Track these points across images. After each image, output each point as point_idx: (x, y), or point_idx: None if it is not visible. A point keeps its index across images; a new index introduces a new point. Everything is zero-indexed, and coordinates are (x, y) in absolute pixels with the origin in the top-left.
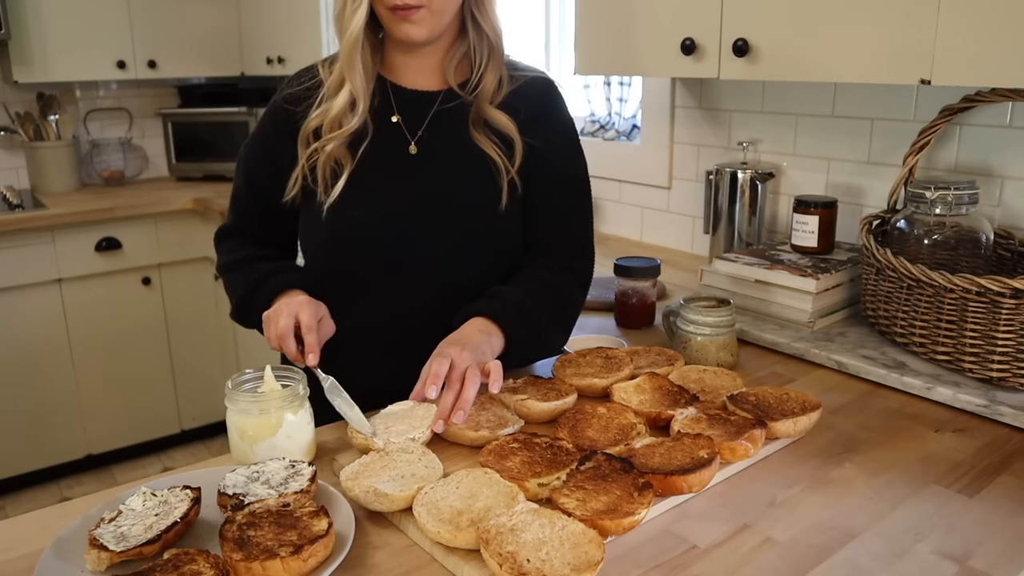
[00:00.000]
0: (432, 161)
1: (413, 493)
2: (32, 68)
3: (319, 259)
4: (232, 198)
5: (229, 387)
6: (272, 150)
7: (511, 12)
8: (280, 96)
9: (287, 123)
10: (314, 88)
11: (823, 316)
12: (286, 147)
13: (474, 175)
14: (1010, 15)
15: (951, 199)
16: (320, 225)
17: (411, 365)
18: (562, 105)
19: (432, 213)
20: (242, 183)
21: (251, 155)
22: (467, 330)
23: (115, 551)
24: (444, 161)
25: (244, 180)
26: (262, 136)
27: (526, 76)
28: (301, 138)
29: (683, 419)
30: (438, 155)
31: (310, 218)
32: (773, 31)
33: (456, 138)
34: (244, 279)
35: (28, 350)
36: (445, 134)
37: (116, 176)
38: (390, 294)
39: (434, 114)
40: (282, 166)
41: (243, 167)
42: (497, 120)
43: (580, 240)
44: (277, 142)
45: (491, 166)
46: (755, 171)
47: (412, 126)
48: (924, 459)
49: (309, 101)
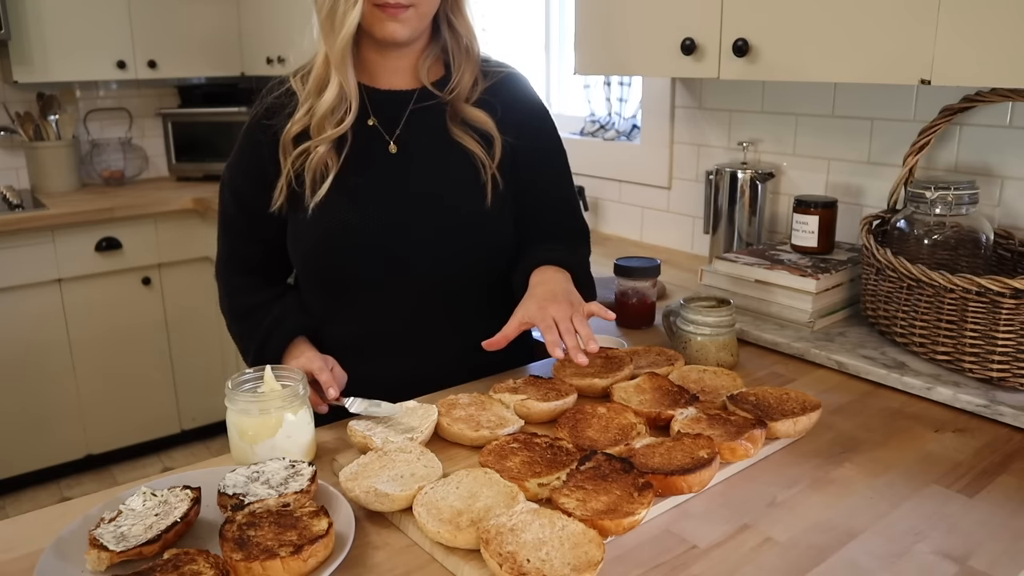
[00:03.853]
0: (414, 160)
1: (413, 493)
2: (32, 68)
3: (309, 265)
4: (222, 227)
5: (229, 387)
6: (258, 167)
7: (511, 12)
8: (257, 112)
9: (267, 137)
10: (289, 100)
11: (823, 316)
12: (270, 161)
13: (457, 171)
14: (1010, 15)
15: (951, 199)
16: (308, 231)
17: (412, 362)
18: (534, 96)
19: (421, 211)
20: (233, 208)
21: (237, 177)
22: (548, 282)
23: (115, 551)
24: (426, 159)
25: (235, 204)
26: (245, 156)
27: (499, 73)
28: (282, 146)
29: (683, 419)
30: (419, 154)
31: (297, 225)
32: (773, 31)
33: (436, 136)
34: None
35: (28, 350)
36: (424, 133)
37: (116, 176)
38: (385, 294)
39: (410, 113)
40: (270, 181)
41: (230, 192)
42: (476, 118)
43: (571, 207)
44: (261, 158)
45: (473, 162)
46: (755, 171)
47: (389, 126)
48: (924, 459)
49: (286, 112)
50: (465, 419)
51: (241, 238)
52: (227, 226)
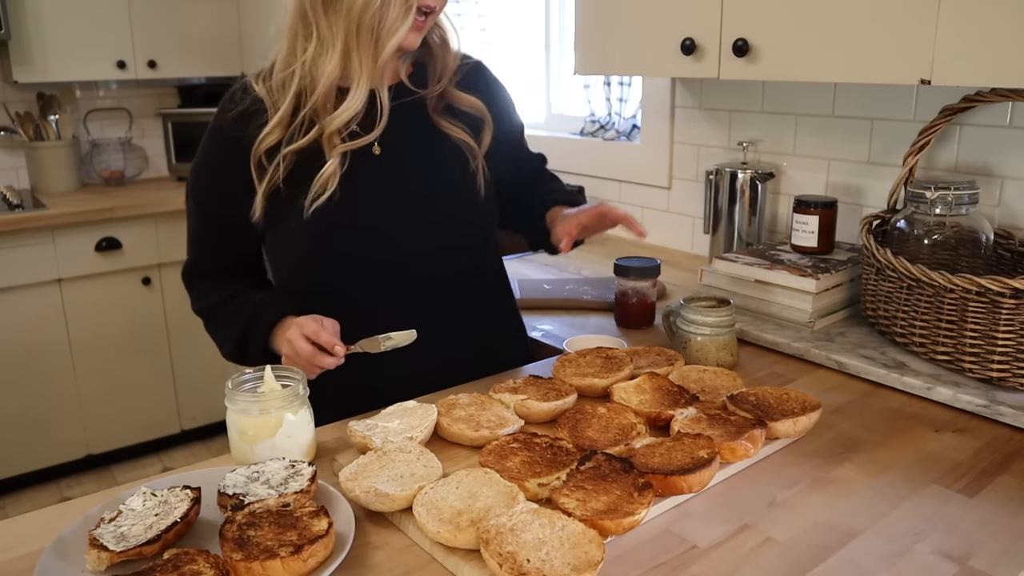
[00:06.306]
0: (401, 160)
1: (413, 493)
2: (32, 68)
3: (298, 274)
4: (192, 237)
5: (229, 387)
6: (227, 180)
7: (511, 12)
8: (222, 120)
9: (236, 146)
10: (255, 107)
11: (823, 316)
12: (240, 173)
13: (447, 167)
14: (1010, 15)
15: (951, 199)
16: (297, 241)
17: (411, 362)
18: (499, 81)
19: (414, 213)
20: (200, 218)
21: (202, 186)
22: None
23: (115, 551)
24: (414, 158)
25: (201, 214)
26: (211, 164)
27: (468, 64)
28: (255, 158)
29: (683, 419)
30: (406, 154)
31: (283, 235)
32: (773, 31)
33: (420, 132)
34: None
35: (28, 350)
36: (407, 131)
37: (116, 176)
38: (381, 297)
39: (390, 111)
40: (240, 194)
41: (196, 202)
42: (469, 103)
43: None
44: (230, 171)
45: (462, 152)
46: (755, 171)
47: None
48: (924, 459)
49: (257, 121)
50: (465, 419)
51: (211, 249)
52: (196, 237)
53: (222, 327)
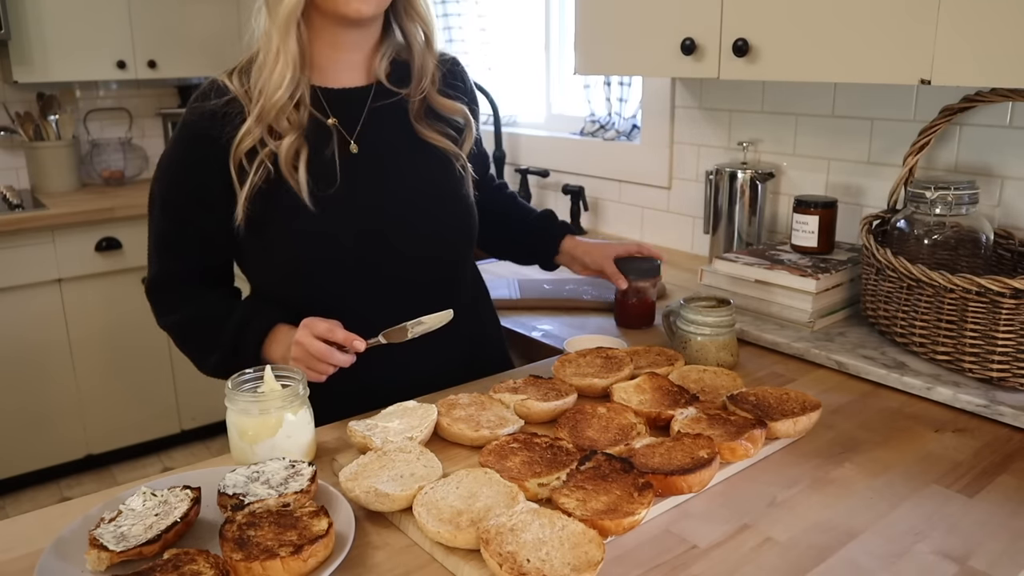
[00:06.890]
0: (383, 161)
1: (413, 493)
2: (32, 68)
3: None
4: (157, 246)
5: (229, 387)
6: (202, 184)
7: (511, 12)
8: (192, 118)
9: (213, 147)
10: (230, 107)
11: (823, 316)
12: (216, 173)
13: (429, 169)
14: (1010, 15)
15: (951, 199)
16: (278, 246)
17: (403, 366)
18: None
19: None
20: (169, 225)
21: (174, 191)
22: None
23: (115, 551)
24: (395, 160)
25: (171, 221)
26: (186, 168)
27: (447, 61)
28: (234, 160)
29: (683, 419)
30: (388, 155)
31: (266, 242)
32: (773, 31)
33: (401, 135)
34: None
35: (28, 350)
36: (388, 132)
37: (116, 176)
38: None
39: (370, 111)
40: (214, 194)
41: (167, 209)
42: (453, 109)
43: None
44: (206, 169)
45: (444, 157)
46: (755, 171)
47: (348, 126)
48: (924, 459)
49: (234, 121)
50: (465, 419)
51: (179, 258)
52: (162, 246)
53: (201, 341)
